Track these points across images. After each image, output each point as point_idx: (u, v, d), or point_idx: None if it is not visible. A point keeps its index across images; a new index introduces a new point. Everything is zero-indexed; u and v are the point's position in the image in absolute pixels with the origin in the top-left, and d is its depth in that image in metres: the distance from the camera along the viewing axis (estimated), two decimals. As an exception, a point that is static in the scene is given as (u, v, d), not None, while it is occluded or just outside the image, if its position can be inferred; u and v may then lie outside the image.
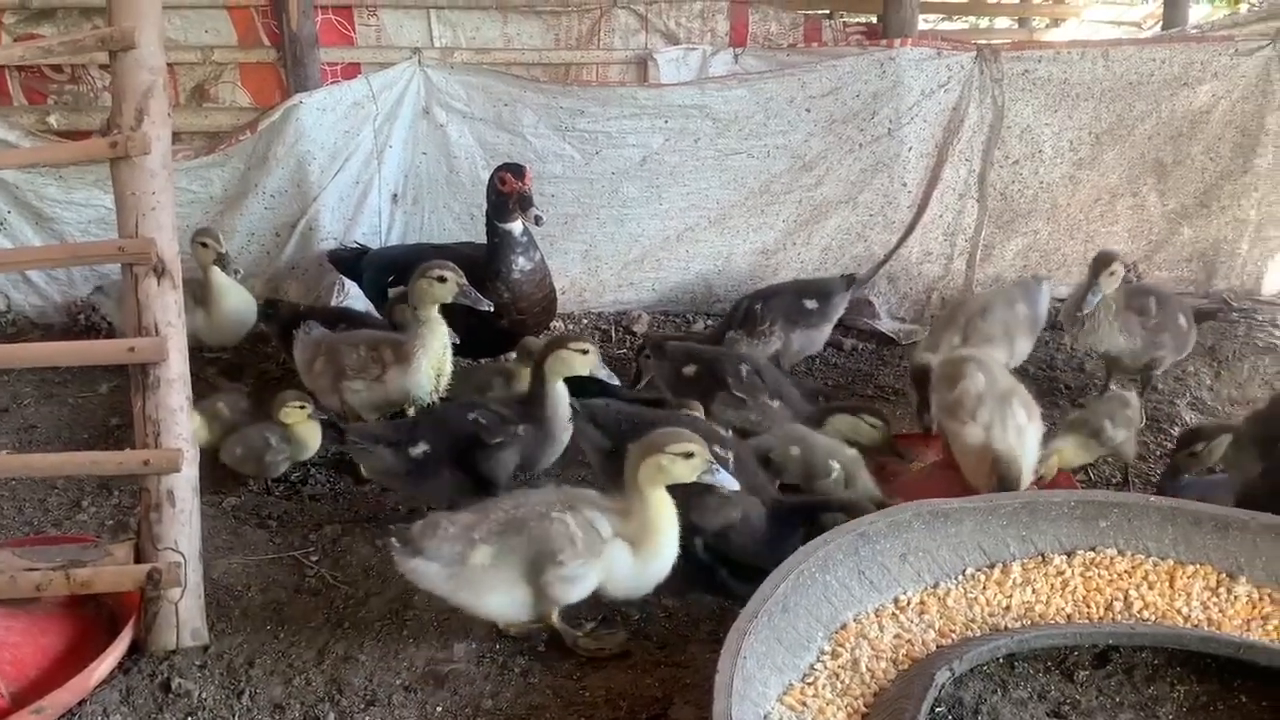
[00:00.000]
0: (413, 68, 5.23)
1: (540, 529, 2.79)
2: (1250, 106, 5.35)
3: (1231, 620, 2.68)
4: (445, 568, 2.80)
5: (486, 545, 2.79)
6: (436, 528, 2.83)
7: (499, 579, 2.79)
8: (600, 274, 5.55)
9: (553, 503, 2.86)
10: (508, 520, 2.84)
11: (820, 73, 5.19)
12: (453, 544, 2.80)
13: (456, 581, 2.80)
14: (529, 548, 2.78)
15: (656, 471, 2.77)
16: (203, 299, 4.52)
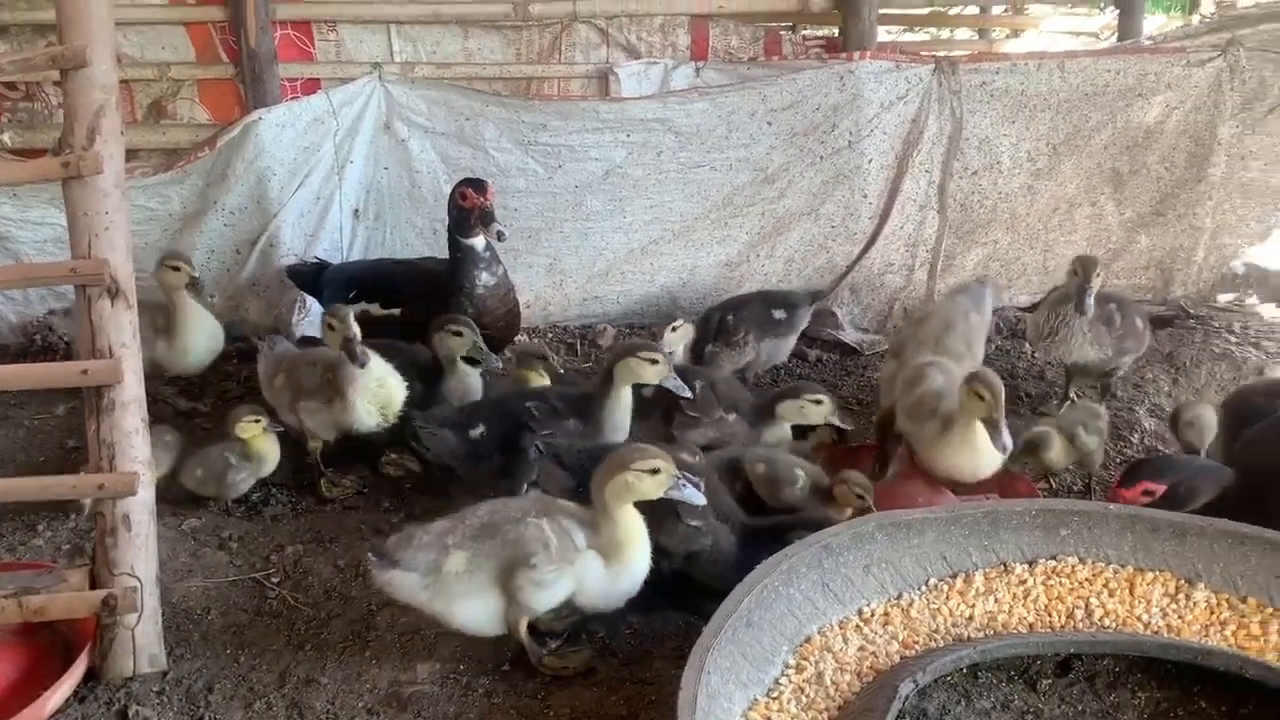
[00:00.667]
0: (373, 83, 5.21)
1: (515, 533, 2.80)
2: (1203, 117, 5.43)
3: (1190, 626, 2.71)
4: (422, 577, 2.80)
5: (461, 551, 2.80)
6: (411, 538, 2.85)
7: (473, 585, 2.79)
8: (565, 287, 5.54)
9: (529, 509, 2.87)
10: (482, 526, 2.85)
11: (781, 86, 5.22)
12: (427, 552, 2.81)
13: (432, 591, 2.80)
14: (503, 552, 2.79)
15: (623, 489, 2.78)
16: (165, 326, 4.32)
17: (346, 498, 3.97)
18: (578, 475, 3.25)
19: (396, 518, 3.83)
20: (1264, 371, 4.74)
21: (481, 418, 3.61)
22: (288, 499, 3.97)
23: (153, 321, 4.28)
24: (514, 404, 3.64)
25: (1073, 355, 4.18)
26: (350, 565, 3.52)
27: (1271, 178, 5.56)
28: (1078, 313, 4.06)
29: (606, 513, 2.81)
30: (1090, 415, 3.85)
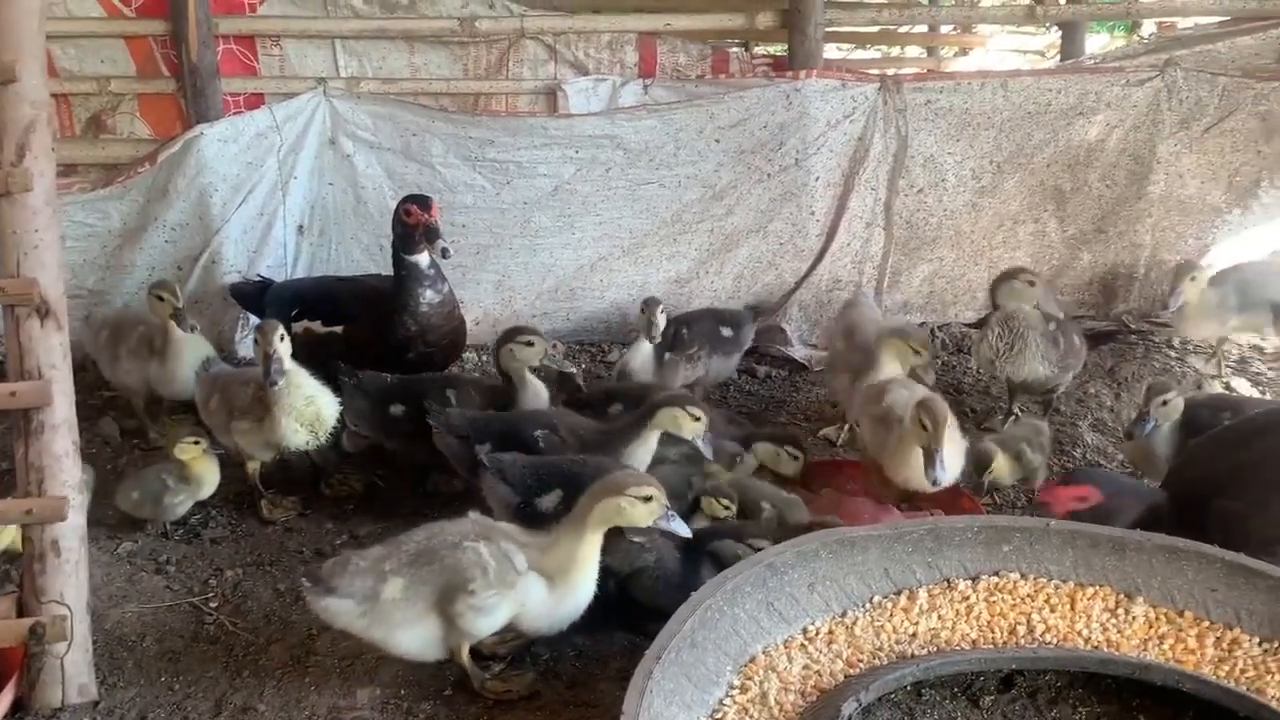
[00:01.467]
0: (318, 98, 5.16)
1: (452, 559, 2.75)
2: (1142, 135, 5.53)
3: (1130, 641, 2.73)
4: (358, 604, 2.74)
5: (398, 577, 2.74)
6: (347, 564, 2.78)
7: (411, 612, 2.74)
8: (514, 304, 5.50)
9: (466, 533, 2.82)
10: (419, 551, 2.80)
11: (728, 104, 5.24)
12: (364, 579, 2.75)
13: (370, 618, 2.75)
14: (440, 577, 2.74)
15: (614, 513, 2.77)
16: (160, 349, 4.25)
17: (288, 519, 3.90)
18: (521, 492, 3.23)
19: (339, 539, 3.77)
20: (1202, 387, 4.82)
21: (491, 435, 3.54)
22: (228, 521, 3.90)
23: (150, 341, 4.28)
24: (524, 429, 3.58)
25: (1023, 374, 4.23)
26: (291, 589, 3.46)
27: (1208, 195, 5.67)
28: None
29: (579, 534, 2.78)
30: (1034, 432, 3.91)
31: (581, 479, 3.11)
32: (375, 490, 4.10)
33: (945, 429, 3.25)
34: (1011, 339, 4.20)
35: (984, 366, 4.41)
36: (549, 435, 3.57)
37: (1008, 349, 4.21)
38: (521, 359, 3.87)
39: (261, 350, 3.60)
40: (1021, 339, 4.18)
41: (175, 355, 4.22)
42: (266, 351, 3.58)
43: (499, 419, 3.74)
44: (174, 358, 4.22)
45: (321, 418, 3.75)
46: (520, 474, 3.26)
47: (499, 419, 3.74)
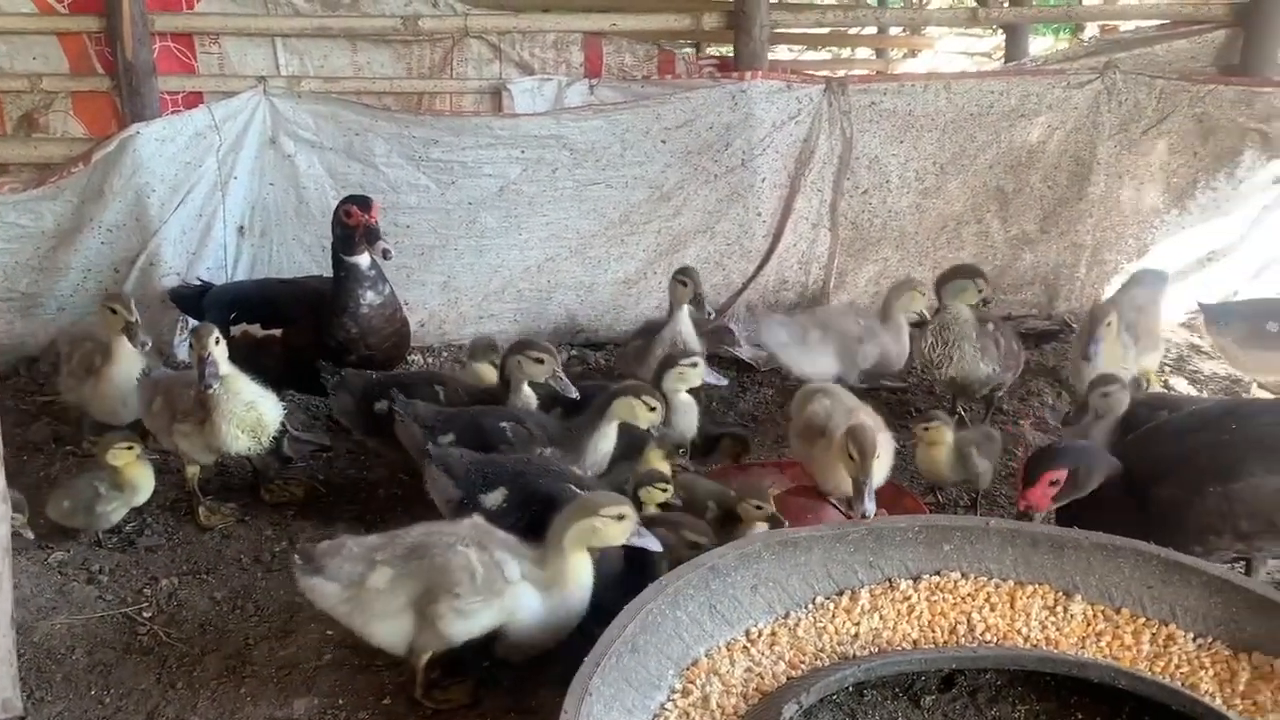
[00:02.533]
0: (258, 97, 5.07)
1: (442, 559, 2.74)
2: (1083, 137, 5.60)
3: (1068, 639, 2.75)
4: (343, 589, 2.75)
5: (387, 568, 2.74)
6: (341, 547, 2.80)
7: (393, 604, 2.73)
8: (460, 305, 5.45)
9: (464, 536, 2.81)
10: (413, 546, 2.79)
11: (674, 104, 5.23)
12: (354, 564, 2.76)
13: (352, 604, 2.74)
14: (427, 576, 2.73)
15: (590, 534, 2.79)
16: (99, 367, 4.11)
17: (226, 526, 3.83)
18: (464, 486, 3.18)
19: (278, 546, 3.71)
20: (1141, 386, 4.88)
21: (455, 427, 3.51)
22: (164, 529, 3.82)
23: (88, 361, 4.17)
24: (490, 422, 3.55)
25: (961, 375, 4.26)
26: (228, 597, 3.40)
27: (1147, 196, 5.76)
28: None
29: (561, 555, 2.80)
30: (985, 438, 3.92)
31: (527, 478, 3.09)
32: (316, 496, 4.04)
33: (873, 461, 3.25)
34: (948, 343, 4.23)
35: (924, 369, 4.44)
36: (516, 427, 3.54)
37: (944, 353, 4.24)
38: (528, 373, 3.78)
39: (196, 354, 3.54)
40: (957, 344, 4.21)
41: (113, 373, 4.08)
42: (201, 355, 3.52)
43: (467, 412, 3.70)
44: (111, 376, 4.08)
45: (263, 423, 3.69)
46: (465, 469, 3.21)
47: (467, 412, 3.70)
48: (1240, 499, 2.96)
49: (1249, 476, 2.96)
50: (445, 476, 3.23)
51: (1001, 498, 3.99)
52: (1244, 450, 2.99)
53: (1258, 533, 3.00)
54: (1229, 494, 2.96)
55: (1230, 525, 2.98)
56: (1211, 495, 2.97)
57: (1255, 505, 2.96)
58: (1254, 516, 2.97)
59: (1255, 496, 2.96)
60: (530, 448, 3.40)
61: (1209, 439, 3.08)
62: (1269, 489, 2.96)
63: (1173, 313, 5.72)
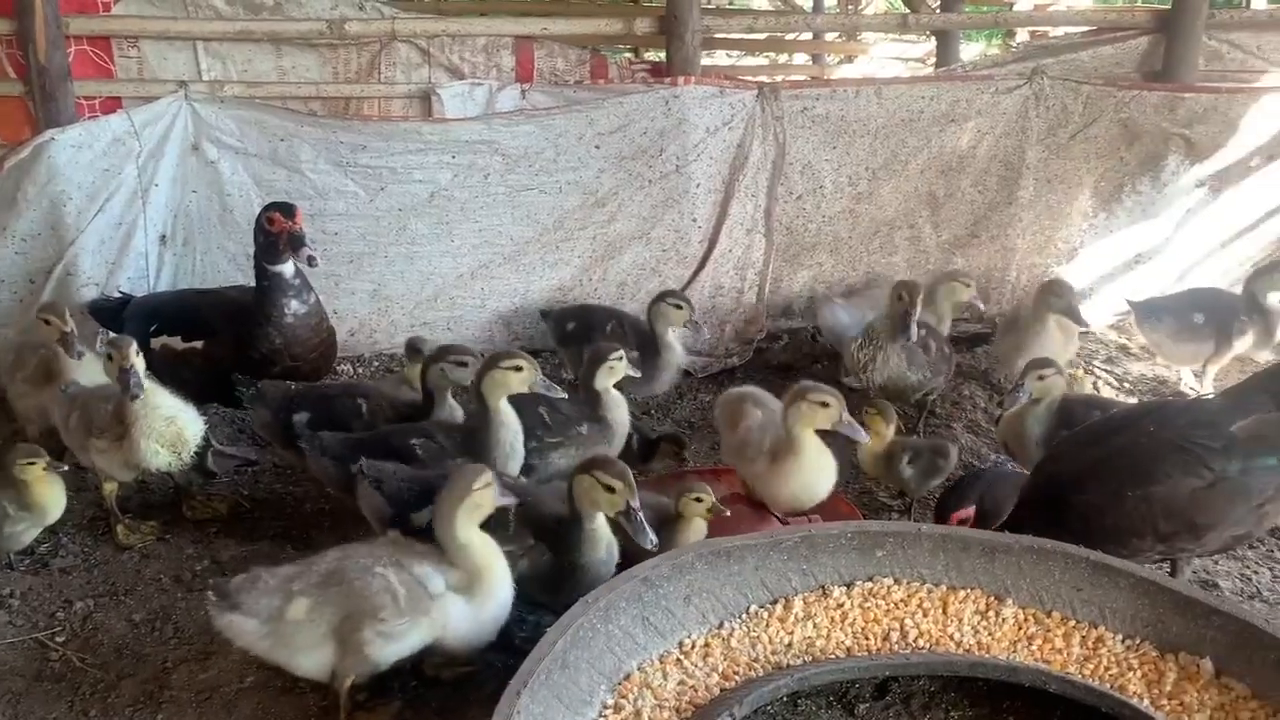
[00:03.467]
0: (179, 102, 4.93)
1: (361, 583, 2.66)
2: (1012, 142, 5.66)
3: (1000, 643, 2.75)
4: (261, 624, 2.64)
5: (304, 598, 2.64)
6: (256, 581, 2.68)
7: (314, 635, 2.64)
8: (391, 314, 5.35)
9: (380, 556, 2.73)
10: (329, 573, 2.70)
11: (607, 110, 5.19)
12: (270, 598, 2.65)
13: (272, 639, 2.64)
14: (347, 602, 2.64)
15: (474, 510, 2.76)
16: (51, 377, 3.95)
17: (146, 545, 3.71)
18: (396, 505, 3.10)
19: (200, 564, 3.60)
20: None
21: (366, 451, 3.38)
22: (80, 549, 3.69)
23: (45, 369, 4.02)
24: (399, 441, 3.46)
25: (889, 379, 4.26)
26: (147, 619, 3.28)
27: (1075, 200, 5.84)
28: (903, 337, 4.15)
29: (457, 542, 2.74)
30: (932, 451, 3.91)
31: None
32: (241, 512, 3.93)
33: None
34: (875, 347, 4.24)
35: (855, 375, 4.43)
36: (427, 443, 3.46)
37: (871, 356, 4.25)
38: (453, 379, 3.66)
39: (116, 366, 3.43)
40: (884, 348, 4.23)
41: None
42: (122, 366, 3.41)
43: (373, 437, 3.59)
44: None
45: (183, 437, 3.58)
46: (398, 486, 3.14)
47: (373, 437, 3.59)
48: (1158, 501, 2.99)
49: (1166, 479, 2.99)
50: (377, 494, 3.15)
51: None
52: (1162, 453, 3.02)
53: (1177, 534, 3.03)
54: (1148, 497, 2.99)
55: (1150, 527, 3.01)
56: (1131, 499, 3.00)
57: (1173, 507, 2.99)
58: (1172, 518, 3.00)
59: (1173, 498, 2.99)
60: (443, 462, 3.32)
61: (1127, 442, 3.11)
62: (1185, 490, 2.99)
63: (1102, 315, 5.82)
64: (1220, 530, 3.04)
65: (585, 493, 2.88)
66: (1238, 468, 2.98)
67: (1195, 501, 2.99)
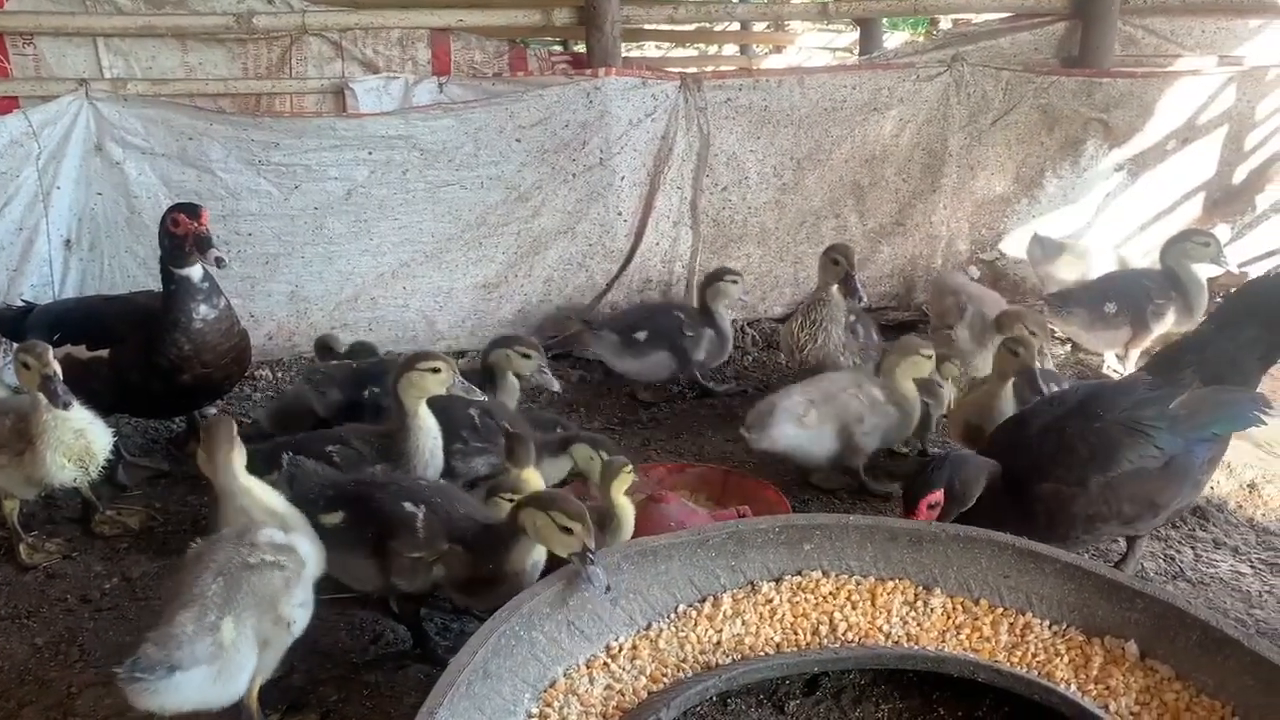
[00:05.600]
0: (79, 101, 4.74)
1: (256, 577, 2.53)
2: (934, 129, 5.69)
3: (929, 633, 2.72)
4: (209, 666, 2.39)
5: (227, 618, 2.45)
6: (174, 637, 2.36)
7: (249, 646, 2.48)
8: (310, 316, 5.21)
9: (239, 548, 2.59)
10: (226, 585, 2.51)
11: (528, 102, 5.10)
12: (202, 640, 2.39)
13: (223, 677, 2.43)
14: (256, 599, 2.51)
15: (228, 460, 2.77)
16: None
17: (51, 564, 3.54)
18: (303, 506, 2.96)
19: (109, 582, 3.44)
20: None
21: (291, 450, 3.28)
22: (-21, 570, 3.51)
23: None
24: (315, 446, 3.34)
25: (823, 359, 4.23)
26: (51, 642, 3.13)
27: (998, 186, 5.89)
28: (854, 300, 4.12)
29: (241, 489, 2.78)
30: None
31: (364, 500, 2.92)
32: (153, 526, 3.78)
33: None
34: (815, 324, 4.20)
35: (788, 353, 4.38)
36: (343, 450, 3.35)
37: (811, 334, 4.20)
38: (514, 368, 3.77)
39: (36, 374, 3.24)
40: (825, 326, 4.18)
41: None
42: (44, 373, 3.23)
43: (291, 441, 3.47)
44: None
45: (92, 451, 3.41)
46: (307, 487, 3.00)
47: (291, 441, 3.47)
48: (1122, 486, 3.02)
49: (1126, 463, 3.02)
50: (287, 489, 3.01)
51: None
52: (1117, 438, 3.04)
53: (1140, 515, 3.07)
54: (1111, 482, 3.01)
55: (1115, 511, 3.04)
56: (1095, 485, 3.02)
57: (1135, 490, 3.03)
58: (1135, 500, 3.03)
59: (1134, 481, 3.02)
60: (360, 468, 3.22)
61: (1081, 428, 3.11)
62: (1144, 473, 3.03)
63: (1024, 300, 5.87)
64: (1171, 506, 3.12)
65: (538, 530, 2.70)
66: (1181, 445, 3.05)
67: (1153, 483, 3.04)
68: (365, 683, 2.87)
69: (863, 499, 3.94)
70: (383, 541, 2.78)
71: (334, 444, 3.36)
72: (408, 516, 2.79)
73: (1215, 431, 3.12)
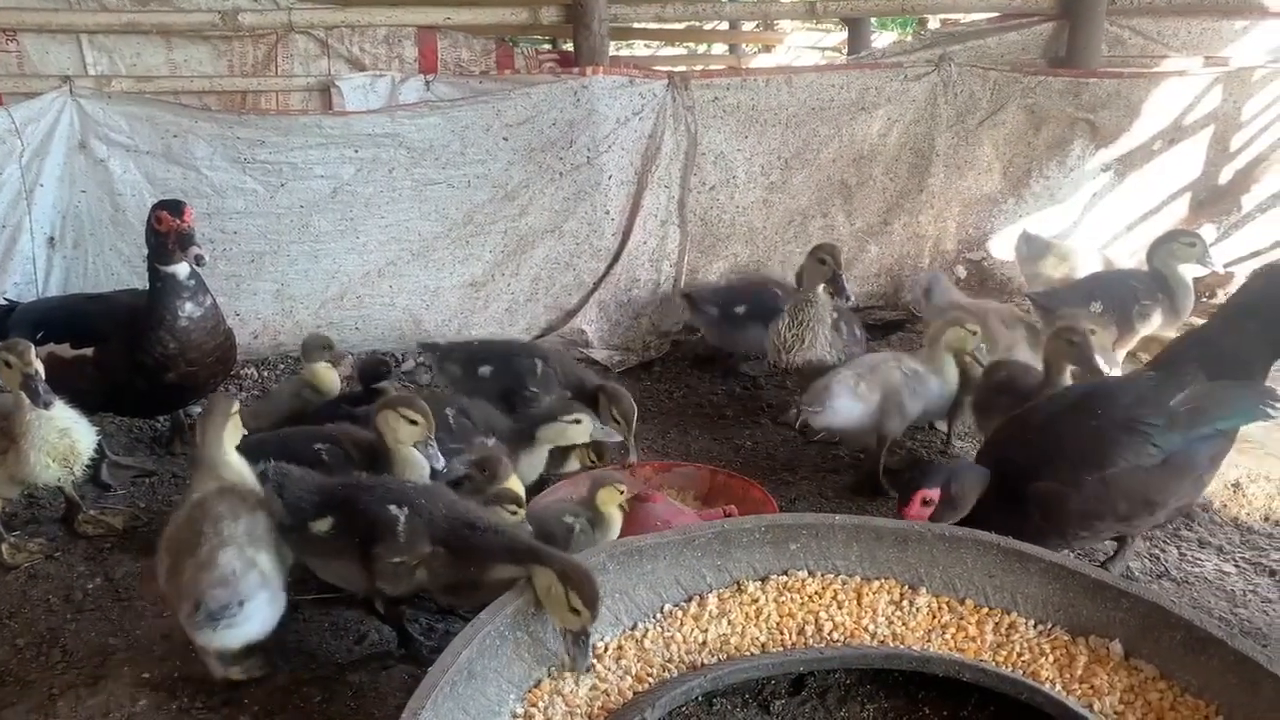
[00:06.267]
0: (63, 98, 4.72)
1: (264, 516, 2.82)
2: (921, 129, 5.69)
3: (914, 632, 2.72)
4: (263, 592, 2.72)
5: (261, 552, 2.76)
6: (226, 577, 2.67)
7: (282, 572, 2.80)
8: (296, 314, 5.19)
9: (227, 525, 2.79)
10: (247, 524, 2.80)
11: (515, 100, 5.09)
12: (250, 572, 2.72)
13: (275, 601, 2.75)
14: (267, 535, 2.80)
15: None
16: None
17: (34, 564, 3.51)
18: (294, 513, 2.94)
19: (92, 583, 3.42)
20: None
21: (269, 450, 3.24)
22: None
23: None
24: (302, 443, 3.32)
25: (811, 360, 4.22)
26: (32, 643, 3.10)
27: (985, 186, 5.90)
28: (842, 299, 4.14)
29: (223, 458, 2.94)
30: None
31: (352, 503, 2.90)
32: (137, 526, 3.75)
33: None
34: (802, 325, 4.19)
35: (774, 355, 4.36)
36: (332, 449, 3.33)
37: (798, 335, 4.20)
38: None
39: (18, 372, 3.23)
40: (812, 326, 4.17)
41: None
42: (26, 372, 3.23)
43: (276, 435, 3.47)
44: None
45: (76, 450, 3.40)
46: (297, 494, 2.98)
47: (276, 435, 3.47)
48: (1116, 484, 3.01)
49: (1121, 462, 3.01)
50: (277, 499, 2.98)
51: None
52: (1113, 435, 3.04)
53: (1135, 513, 3.07)
54: (1106, 480, 3.01)
55: (1110, 509, 3.04)
56: (1089, 484, 3.01)
57: (1130, 488, 3.02)
58: (1130, 498, 3.03)
59: (1129, 479, 3.02)
60: (347, 469, 3.20)
61: (1076, 427, 3.11)
62: (1140, 471, 3.02)
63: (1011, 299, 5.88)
64: (1170, 504, 3.11)
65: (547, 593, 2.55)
66: (1181, 442, 3.03)
67: (1150, 480, 3.03)
68: (349, 683, 2.85)
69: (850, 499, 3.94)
70: (367, 546, 2.75)
71: (324, 443, 3.34)
72: (390, 519, 2.77)
73: (1219, 427, 3.09)
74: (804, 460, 4.26)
